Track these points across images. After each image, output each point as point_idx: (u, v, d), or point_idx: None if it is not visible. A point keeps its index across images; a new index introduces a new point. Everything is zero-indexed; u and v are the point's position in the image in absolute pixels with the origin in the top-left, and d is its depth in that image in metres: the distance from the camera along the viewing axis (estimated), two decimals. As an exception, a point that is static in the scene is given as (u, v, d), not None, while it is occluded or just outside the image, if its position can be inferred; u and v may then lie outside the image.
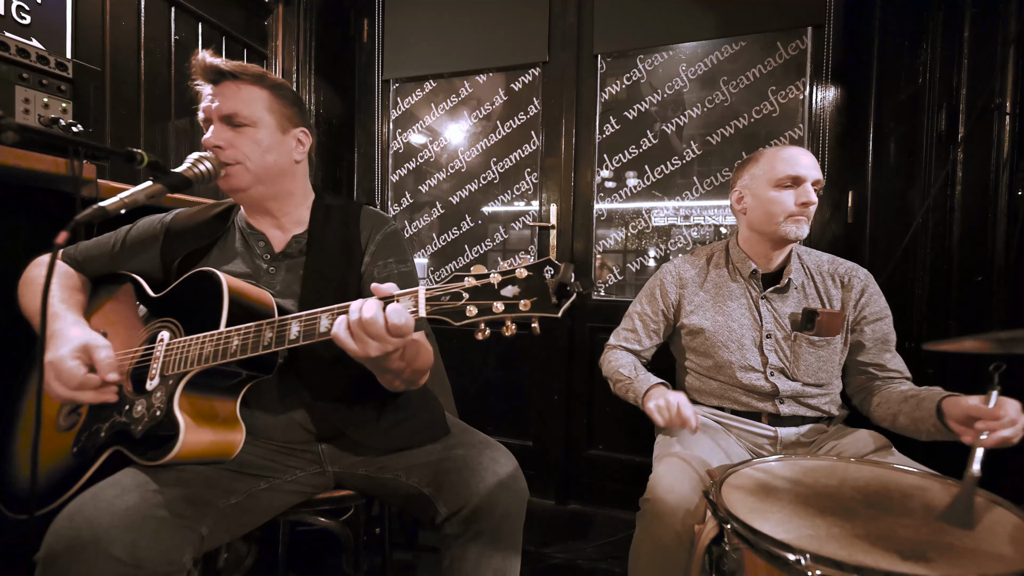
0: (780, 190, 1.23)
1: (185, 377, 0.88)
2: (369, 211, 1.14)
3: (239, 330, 0.86)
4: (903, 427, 1.14)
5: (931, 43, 1.57)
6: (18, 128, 0.77)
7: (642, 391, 1.25)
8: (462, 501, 0.95)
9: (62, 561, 0.76)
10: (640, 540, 1.07)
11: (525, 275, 0.70)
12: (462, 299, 0.72)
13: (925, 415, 1.06)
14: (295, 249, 1.07)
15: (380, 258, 1.07)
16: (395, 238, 1.11)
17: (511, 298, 0.71)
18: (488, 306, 0.71)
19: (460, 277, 0.73)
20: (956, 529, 0.76)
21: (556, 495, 2.11)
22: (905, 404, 1.14)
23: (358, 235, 1.09)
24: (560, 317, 0.69)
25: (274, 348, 0.83)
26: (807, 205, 1.21)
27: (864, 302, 1.26)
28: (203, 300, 0.92)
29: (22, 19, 1.28)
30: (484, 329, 0.73)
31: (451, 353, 2.10)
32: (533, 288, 0.70)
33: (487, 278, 0.72)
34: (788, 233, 1.22)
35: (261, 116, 1.01)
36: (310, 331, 0.81)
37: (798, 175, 1.21)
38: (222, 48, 1.92)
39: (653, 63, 2.02)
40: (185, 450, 0.85)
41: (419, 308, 0.74)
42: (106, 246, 1.12)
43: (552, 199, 2.12)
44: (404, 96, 2.35)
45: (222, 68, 0.99)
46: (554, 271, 0.70)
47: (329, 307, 0.80)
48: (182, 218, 1.13)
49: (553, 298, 0.69)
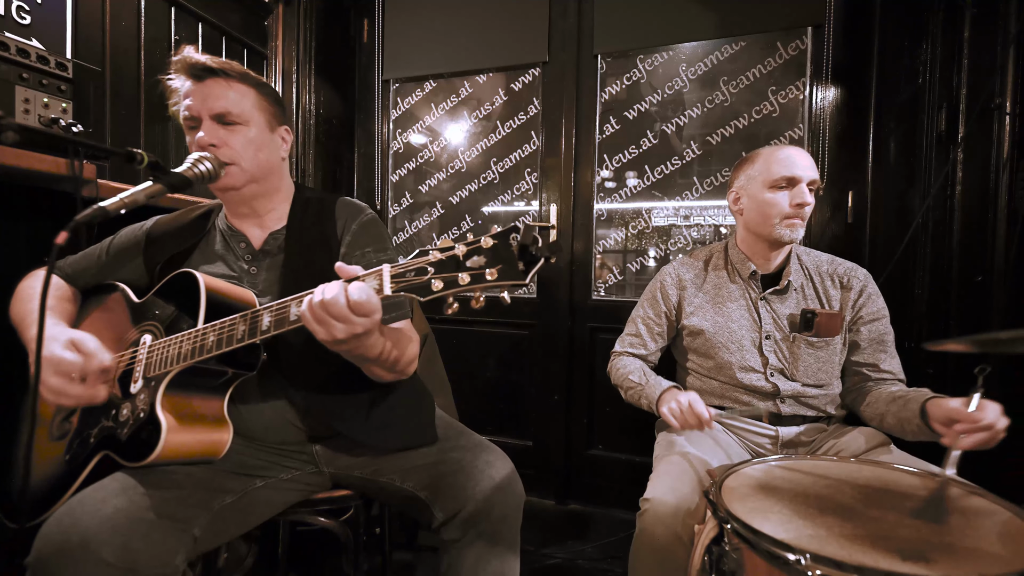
0: (775, 191, 1.22)
1: (166, 377, 0.88)
2: (345, 201, 1.13)
3: (215, 326, 0.86)
4: (890, 427, 1.16)
5: (931, 43, 1.58)
6: (18, 128, 0.77)
7: (655, 396, 1.24)
8: (458, 505, 0.95)
9: (51, 566, 0.75)
10: (640, 540, 1.07)
11: (491, 244, 0.68)
12: (427, 273, 0.70)
13: (910, 416, 1.08)
14: (274, 246, 1.07)
15: (357, 248, 1.06)
16: (372, 227, 1.10)
17: (476, 268, 0.68)
18: (454, 278, 0.69)
19: (425, 252, 0.71)
20: (956, 529, 0.76)
21: (556, 495, 2.11)
22: (892, 404, 1.15)
23: (334, 226, 1.08)
24: (527, 283, 0.67)
25: (247, 340, 0.83)
26: (802, 206, 1.20)
27: (862, 302, 1.26)
28: (182, 301, 0.92)
29: (22, 19, 1.28)
30: (452, 303, 0.70)
31: (451, 353, 2.10)
32: (499, 257, 0.67)
33: (452, 250, 0.70)
34: (782, 236, 1.22)
35: (252, 114, 1.01)
36: (281, 319, 0.81)
37: (793, 176, 1.21)
38: (222, 48, 1.92)
39: (653, 63, 2.02)
40: (168, 450, 0.84)
41: (383, 286, 0.72)
42: (92, 258, 1.12)
43: (552, 199, 2.12)
44: (404, 96, 2.35)
45: (210, 65, 0.98)
46: (520, 236, 0.67)
47: (298, 295, 0.79)
48: (163, 223, 1.13)
49: (520, 264, 0.67)
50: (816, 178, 1.23)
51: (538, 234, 0.66)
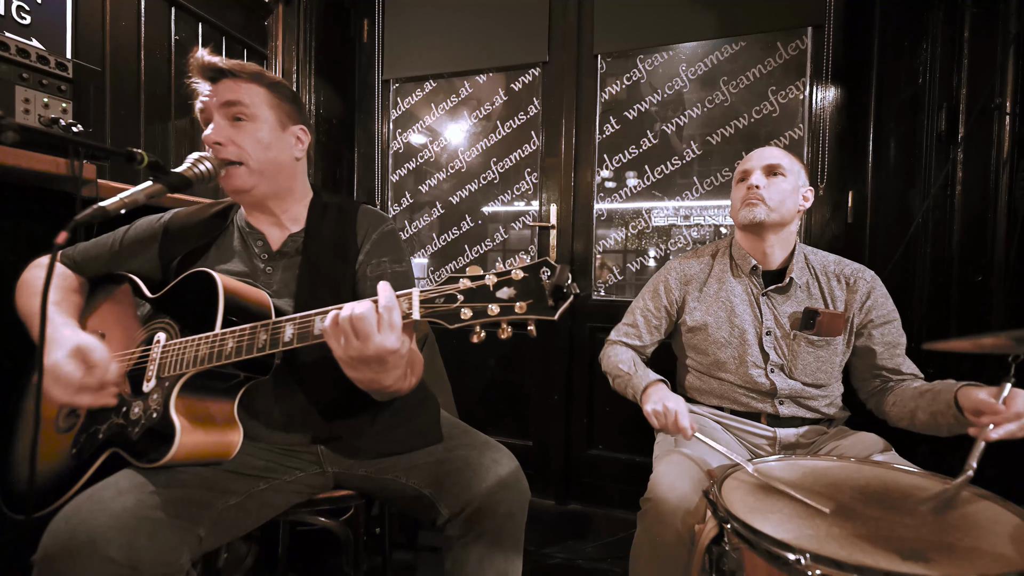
0: (738, 185, 1.35)
1: (181, 379, 0.88)
2: (367, 210, 1.13)
3: (234, 332, 0.86)
4: (923, 423, 1.11)
5: (931, 43, 1.57)
6: (18, 128, 0.77)
7: (640, 387, 1.25)
8: (464, 502, 0.95)
9: (58, 563, 0.76)
10: (640, 540, 1.07)
11: (521, 276, 0.69)
12: (457, 301, 0.71)
13: (943, 408, 1.05)
14: (292, 248, 1.07)
15: (374, 256, 1.06)
16: (391, 238, 1.10)
17: (507, 300, 0.69)
18: (483, 308, 0.70)
19: (455, 279, 0.72)
20: (956, 529, 0.76)
21: (556, 495, 2.11)
22: (921, 399, 1.12)
23: (354, 233, 1.08)
24: (556, 320, 0.68)
25: (268, 351, 0.83)
26: (751, 188, 1.28)
27: (870, 305, 1.25)
28: (199, 301, 0.92)
29: (22, 19, 1.28)
30: (480, 331, 0.72)
31: (451, 353, 2.10)
32: (529, 290, 0.69)
33: (482, 280, 0.71)
34: (743, 219, 1.29)
35: (261, 112, 1.01)
36: (304, 333, 0.81)
37: (746, 169, 1.32)
38: (222, 48, 1.92)
39: (653, 63, 2.02)
40: (182, 452, 0.84)
41: (413, 310, 0.73)
42: (104, 247, 1.11)
43: (552, 199, 2.12)
44: (404, 96, 2.35)
45: (220, 66, 0.99)
46: (550, 272, 0.68)
47: (324, 309, 0.80)
48: (180, 217, 1.12)
49: (549, 300, 0.68)
50: (772, 162, 1.29)
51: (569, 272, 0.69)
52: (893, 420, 1.20)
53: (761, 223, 1.26)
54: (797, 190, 1.29)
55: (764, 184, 1.27)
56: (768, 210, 1.26)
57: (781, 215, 1.27)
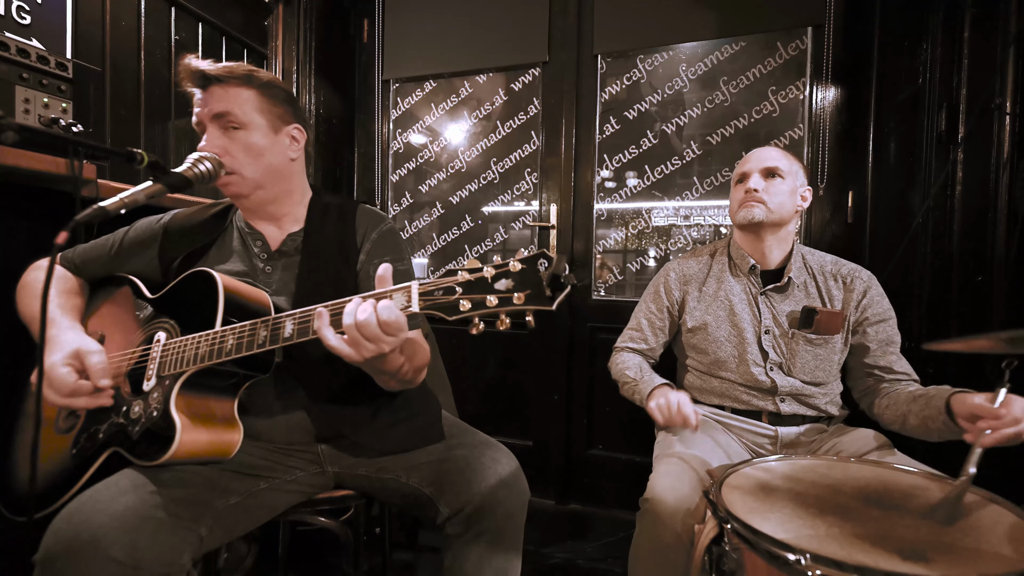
0: (736, 187, 1.36)
1: (181, 377, 0.88)
2: (366, 209, 1.13)
3: (234, 329, 0.86)
4: (913, 428, 1.12)
5: (931, 43, 1.58)
6: (18, 128, 0.77)
7: (646, 392, 1.26)
8: (464, 501, 0.95)
9: (60, 562, 0.76)
10: (640, 540, 1.07)
11: (519, 268, 0.69)
12: (455, 293, 0.71)
13: (934, 413, 1.05)
14: (291, 247, 1.07)
15: (375, 256, 1.06)
16: (391, 237, 1.10)
17: (505, 291, 0.69)
18: (482, 300, 0.70)
19: (453, 272, 0.72)
20: (956, 529, 0.76)
21: (556, 495, 2.11)
22: (914, 404, 1.12)
23: (354, 233, 1.08)
24: (554, 310, 0.68)
25: (268, 346, 0.83)
26: (749, 192, 1.29)
27: (866, 303, 1.26)
28: (199, 300, 0.92)
29: (22, 19, 1.28)
30: (478, 323, 0.72)
31: (451, 353, 2.10)
32: (527, 281, 0.69)
33: (480, 272, 0.71)
34: (741, 219, 1.30)
35: (251, 118, 1.00)
36: (304, 329, 0.81)
37: (744, 171, 1.33)
38: (222, 48, 1.92)
39: (653, 63, 2.02)
40: (182, 450, 0.84)
41: (412, 303, 0.73)
42: (104, 248, 1.11)
43: (552, 199, 2.12)
44: (404, 96, 2.35)
45: (207, 72, 0.98)
46: (548, 263, 0.69)
47: (323, 304, 0.80)
48: (180, 218, 1.12)
49: (547, 291, 0.68)
50: (770, 164, 1.29)
51: (567, 263, 0.69)
52: (885, 423, 1.21)
53: (759, 223, 1.27)
54: (795, 191, 1.30)
55: (762, 187, 1.28)
56: (767, 211, 1.27)
57: (779, 216, 1.27)
